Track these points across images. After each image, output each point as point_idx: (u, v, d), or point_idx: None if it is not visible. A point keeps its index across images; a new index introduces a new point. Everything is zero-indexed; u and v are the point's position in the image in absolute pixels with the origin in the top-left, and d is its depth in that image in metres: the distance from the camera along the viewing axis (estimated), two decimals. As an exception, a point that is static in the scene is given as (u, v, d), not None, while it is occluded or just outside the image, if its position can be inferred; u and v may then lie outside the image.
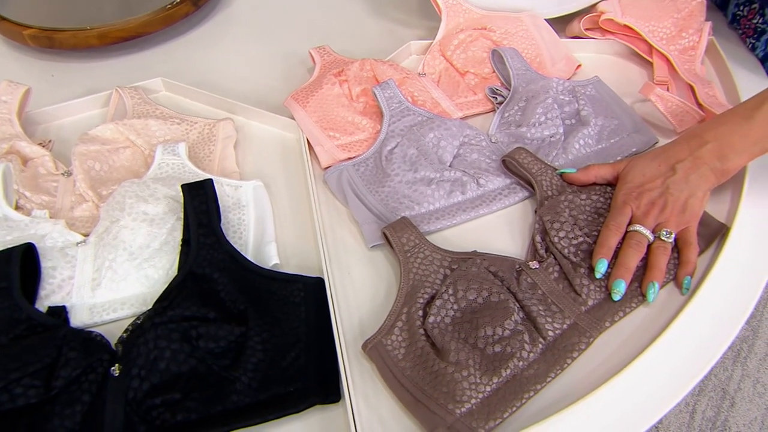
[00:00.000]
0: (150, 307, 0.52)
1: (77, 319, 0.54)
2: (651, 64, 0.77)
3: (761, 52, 0.79)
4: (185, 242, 0.57)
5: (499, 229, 0.62)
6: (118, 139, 0.69)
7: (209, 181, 0.60)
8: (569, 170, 0.62)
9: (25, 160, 0.67)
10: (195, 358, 0.48)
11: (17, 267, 0.53)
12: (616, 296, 0.52)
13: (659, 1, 0.79)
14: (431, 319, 0.50)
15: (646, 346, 0.50)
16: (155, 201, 0.59)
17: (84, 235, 0.59)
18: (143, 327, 0.50)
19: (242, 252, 0.57)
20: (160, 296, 0.52)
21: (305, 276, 0.56)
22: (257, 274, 0.55)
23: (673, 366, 0.50)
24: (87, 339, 0.50)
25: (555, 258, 0.55)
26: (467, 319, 0.51)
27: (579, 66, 0.79)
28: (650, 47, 0.78)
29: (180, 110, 0.76)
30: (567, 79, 0.74)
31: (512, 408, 0.46)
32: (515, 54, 0.76)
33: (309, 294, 0.55)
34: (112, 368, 0.49)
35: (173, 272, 0.56)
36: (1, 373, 0.45)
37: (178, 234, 0.58)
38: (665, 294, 0.55)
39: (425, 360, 0.49)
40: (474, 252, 0.57)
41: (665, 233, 0.55)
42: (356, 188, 0.64)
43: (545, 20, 0.81)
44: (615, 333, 0.52)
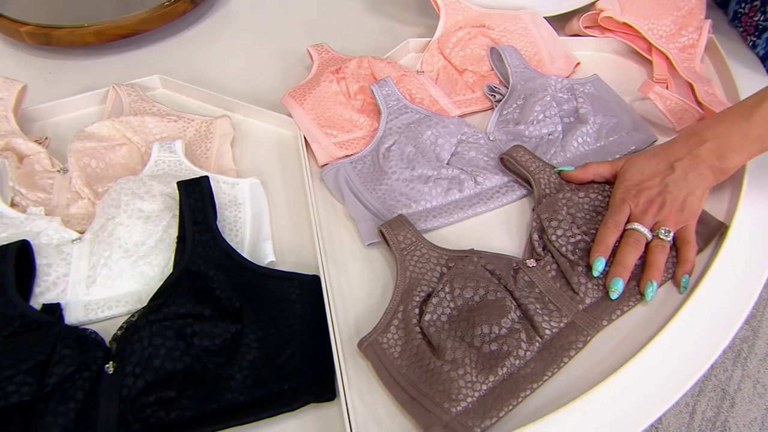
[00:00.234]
0: (145, 305, 0.51)
1: (72, 317, 0.54)
2: (650, 62, 0.77)
3: (762, 50, 0.79)
4: (181, 239, 0.57)
5: (497, 228, 0.61)
6: (115, 136, 0.68)
7: (205, 179, 0.60)
8: (567, 168, 0.61)
9: (21, 157, 0.66)
10: (190, 356, 0.48)
11: (12, 264, 0.53)
12: (614, 295, 0.52)
13: (659, -1, 0.79)
14: (427, 317, 0.50)
15: (644, 345, 0.49)
16: (151, 198, 0.59)
17: (79, 233, 0.59)
18: (138, 324, 0.49)
19: (238, 249, 0.56)
20: (155, 294, 0.52)
21: (301, 274, 0.56)
22: (253, 272, 0.55)
23: (671, 365, 0.50)
24: (81, 336, 0.50)
25: (552, 256, 0.55)
26: (464, 318, 0.50)
27: (578, 64, 0.79)
28: (650, 45, 0.77)
29: (177, 107, 0.75)
30: (566, 77, 0.73)
31: (508, 407, 0.46)
32: (514, 52, 0.76)
33: (305, 292, 0.54)
34: (107, 366, 0.48)
35: (168, 270, 0.56)
36: (-5, 371, 0.45)
37: (174, 231, 0.58)
38: (663, 293, 0.54)
39: (421, 358, 0.49)
40: (471, 250, 0.57)
41: (664, 232, 0.54)
42: (353, 186, 0.64)
43: (544, 18, 0.81)
44: (612, 332, 0.52)
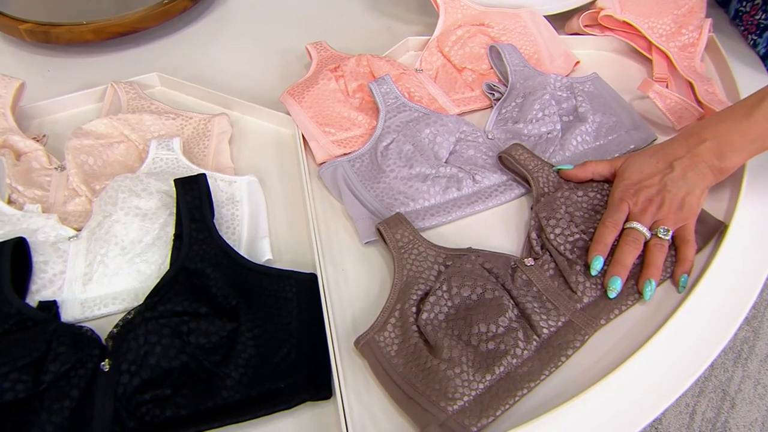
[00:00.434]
0: (141, 302, 0.51)
1: (68, 314, 0.54)
2: (650, 61, 0.77)
3: (763, 49, 0.79)
4: (177, 237, 0.56)
5: (495, 226, 0.61)
6: (113, 134, 0.68)
7: (202, 176, 0.59)
8: (566, 167, 0.61)
9: (19, 155, 0.66)
10: (186, 354, 0.48)
11: (8, 261, 0.53)
12: (612, 294, 0.52)
13: (659, -2, 0.79)
14: (425, 316, 0.50)
15: (642, 344, 0.49)
16: (148, 196, 0.59)
17: (76, 230, 0.59)
18: (134, 322, 0.49)
19: (235, 247, 0.56)
20: (152, 291, 0.52)
21: (298, 272, 0.56)
22: (249, 270, 0.55)
23: (670, 364, 0.50)
24: (77, 334, 0.49)
25: (551, 255, 0.55)
26: (461, 316, 0.50)
27: (577, 63, 0.78)
28: (649, 44, 0.77)
29: (175, 105, 0.75)
30: (565, 76, 0.73)
31: (505, 406, 0.46)
32: (513, 50, 0.75)
33: (301, 290, 0.54)
34: (102, 363, 0.48)
35: (165, 267, 0.56)
36: (-10, 368, 0.45)
37: (171, 229, 0.58)
38: (662, 292, 0.54)
39: (418, 357, 0.48)
40: (469, 248, 0.56)
41: (662, 230, 0.54)
42: (351, 184, 0.64)
43: (544, 17, 0.81)
44: (610, 331, 0.52)
